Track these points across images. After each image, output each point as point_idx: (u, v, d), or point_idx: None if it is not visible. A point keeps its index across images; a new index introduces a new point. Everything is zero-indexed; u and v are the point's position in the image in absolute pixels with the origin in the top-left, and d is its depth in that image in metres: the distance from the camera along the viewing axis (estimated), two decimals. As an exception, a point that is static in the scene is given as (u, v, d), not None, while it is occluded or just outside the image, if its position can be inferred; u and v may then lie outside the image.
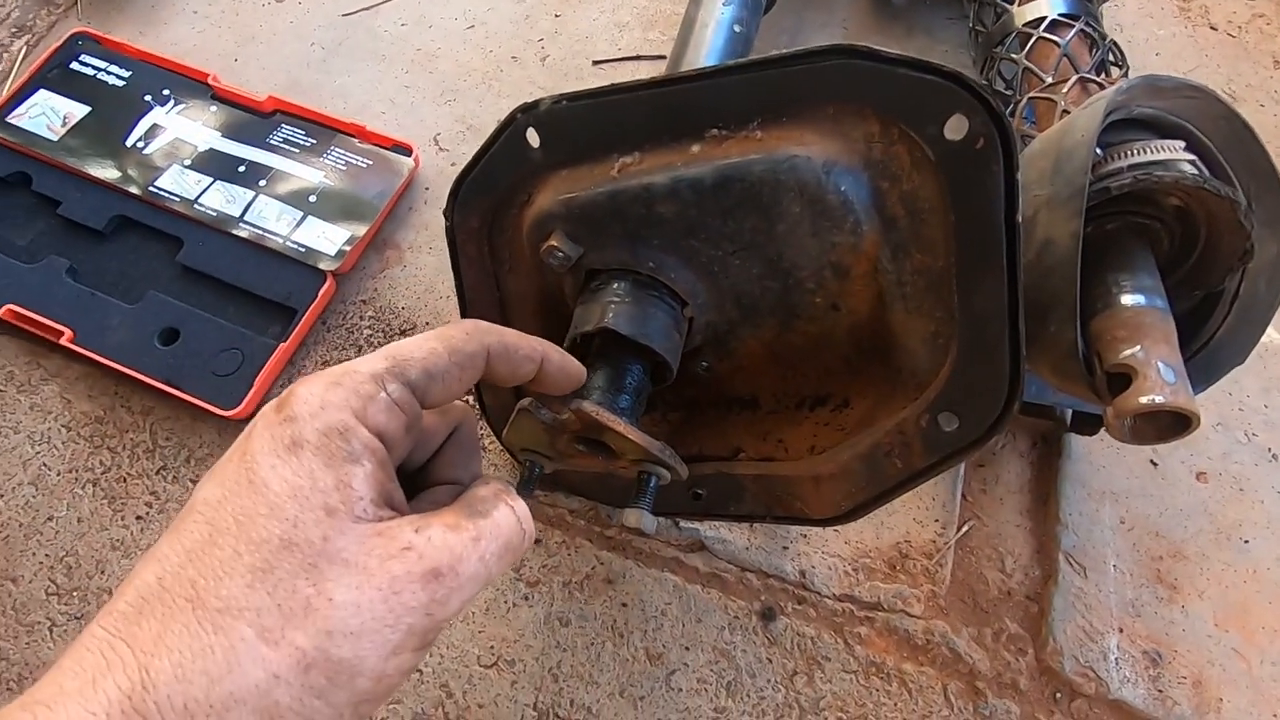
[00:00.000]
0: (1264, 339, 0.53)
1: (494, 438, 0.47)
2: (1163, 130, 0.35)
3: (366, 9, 0.68)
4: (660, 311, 0.38)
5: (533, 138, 0.38)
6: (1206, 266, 0.35)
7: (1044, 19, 0.46)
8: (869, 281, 0.35)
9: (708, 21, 0.49)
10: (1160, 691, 0.42)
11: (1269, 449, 0.49)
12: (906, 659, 0.44)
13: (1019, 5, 0.48)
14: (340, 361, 0.52)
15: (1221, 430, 0.50)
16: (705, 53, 0.48)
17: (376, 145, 0.58)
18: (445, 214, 0.43)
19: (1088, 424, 0.46)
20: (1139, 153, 0.33)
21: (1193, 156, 0.33)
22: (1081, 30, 0.44)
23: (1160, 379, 0.30)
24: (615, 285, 0.38)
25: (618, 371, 0.38)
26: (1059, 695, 0.43)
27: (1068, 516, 0.47)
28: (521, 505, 0.25)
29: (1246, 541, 0.46)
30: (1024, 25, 0.47)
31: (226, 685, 0.19)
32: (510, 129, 0.39)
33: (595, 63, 0.65)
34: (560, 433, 0.35)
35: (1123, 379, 0.31)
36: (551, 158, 0.38)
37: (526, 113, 0.38)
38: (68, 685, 0.18)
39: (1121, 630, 0.44)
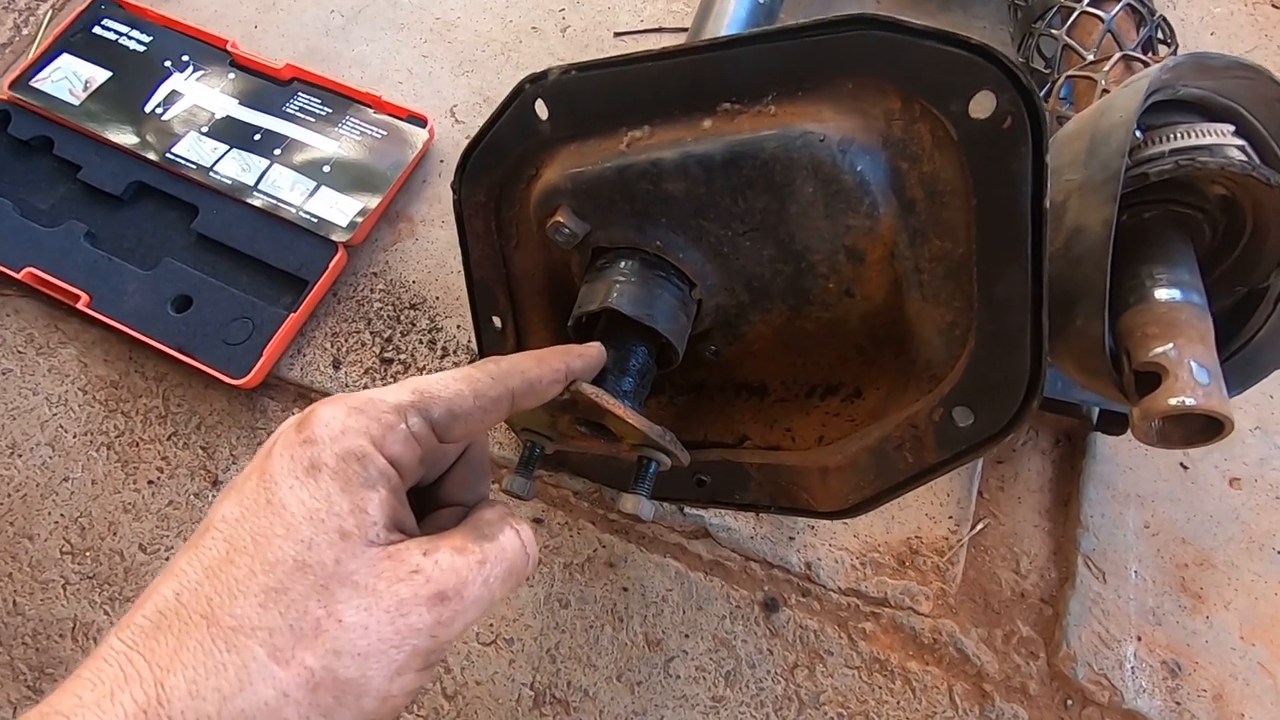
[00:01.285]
0: (1312, 340, 0.50)
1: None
2: (1211, 113, 0.32)
3: (386, -24, 0.66)
4: (667, 292, 0.36)
5: (541, 109, 0.37)
6: (1251, 261, 0.33)
7: (1089, -8, 0.43)
8: (885, 267, 0.33)
9: (729, -8, 0.47)
10: (1178, 704, 0.41)
11: (1310, 456, 0.46)
12: (912, 657, 0.43)
13: (1064, -23, 0.46)
14: (349, 334, 0.52)
15: (1260, 435, 0.47)
16: (727, 23, 0.46)
17: (392, 116, 0.57)
18: (453, 187, 0.42)
19: (1115, 423, 0.44)
20: (1182, 136, 0.31)
21: (1242, 142, 0.30)
22: (1129, 5, 0.41)
23: (1193, 380, 0.28)
24: (622, 264, 0.37)
25: (622, 352, 0.37)
26: (1070, 702, 0.41)
27: (1089, 519, 0.45)
28: (527, 530, 0.25)
29: (1279, 552, 0.44)
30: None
31: (238, 703, 0.19)
32: (518, 100, 0.37)
33: (617, 34, 0.63)
34: (561, 414, 0.34)
35: (1152, 378, 0.29)
36: (560, 130, 0.37)
37: (535, 83, 0.37)
38: (86, 696, 0.19)
39: (1140, 638, 0.42)
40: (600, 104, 0.35)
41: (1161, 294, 0.31)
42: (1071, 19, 0.42)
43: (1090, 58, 0.41)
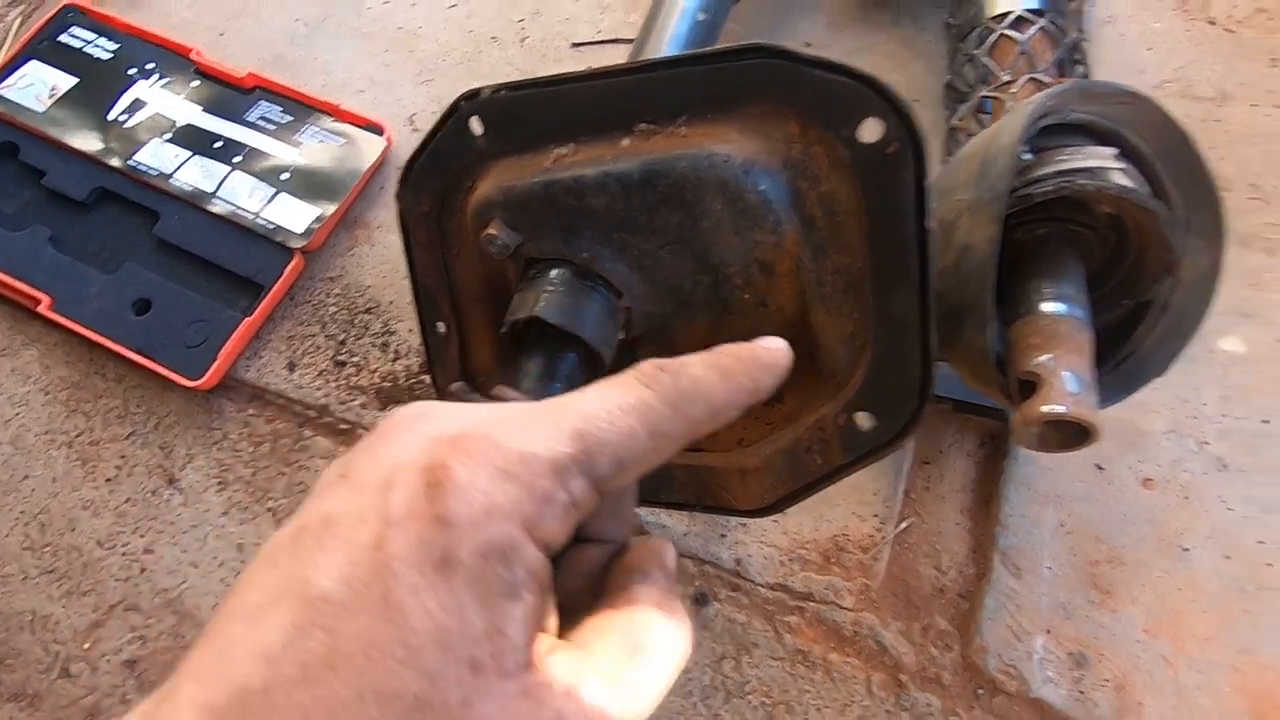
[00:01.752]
0: (1227, 348, 0.53)
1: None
2: (1100, 137, 0.34)
3: (351, -15, 0.68)
4: (594, 302, 0.38)
5: (476, 125, 0.39)
6: (1135, 275, 0.35)
7: (1009, 14, 0.45)
8: (793, 280, 0.35)
9: (671, 10, 0.49)
10: (1081, 693, 0.43)
11: (1220, 459, 0.49)
12: (833, 649, 0.45)
13: (989, -2, 0.48)
14: (305, 337, 0.54)
15: (1174, 438, 0.49)
16: (667, 40, 0.48)
17: (351, 124, 0.59)
18: (397, 197, 0.43)
19: (1033, 426, 0.46)
20: (1067, 159, 0.33)
21: (1123, 165, 0.32)
22: (1044, 27, 0.43)
23: (1065, 389, 0.30)
24: (551, 274, 0.38)
25: (551, 360, 0.39)
26: (981, 691, 0.44)
27: (1007, 517, 0.47)
28: (687, 625, 0.20)
29: (1187, 550, 0.46)
30: (990, 19, 0.46)
31: None
32: (454, 116, 0.39)
33: (574, 45, 0.65)
34: None
35: (1031, 386, 0.31)
36: (494, 146, 0.39)
37: (469, 100, 0.38)
38: None
39: (1049, 631, 0.44)
40: (530, 121, 0.37)
41: (1047, 307, 0.33)
42: (990, 39, 0.44)
43: (1005, 78, 0.43)
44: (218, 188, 0.56)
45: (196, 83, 0.60)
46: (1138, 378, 0.36)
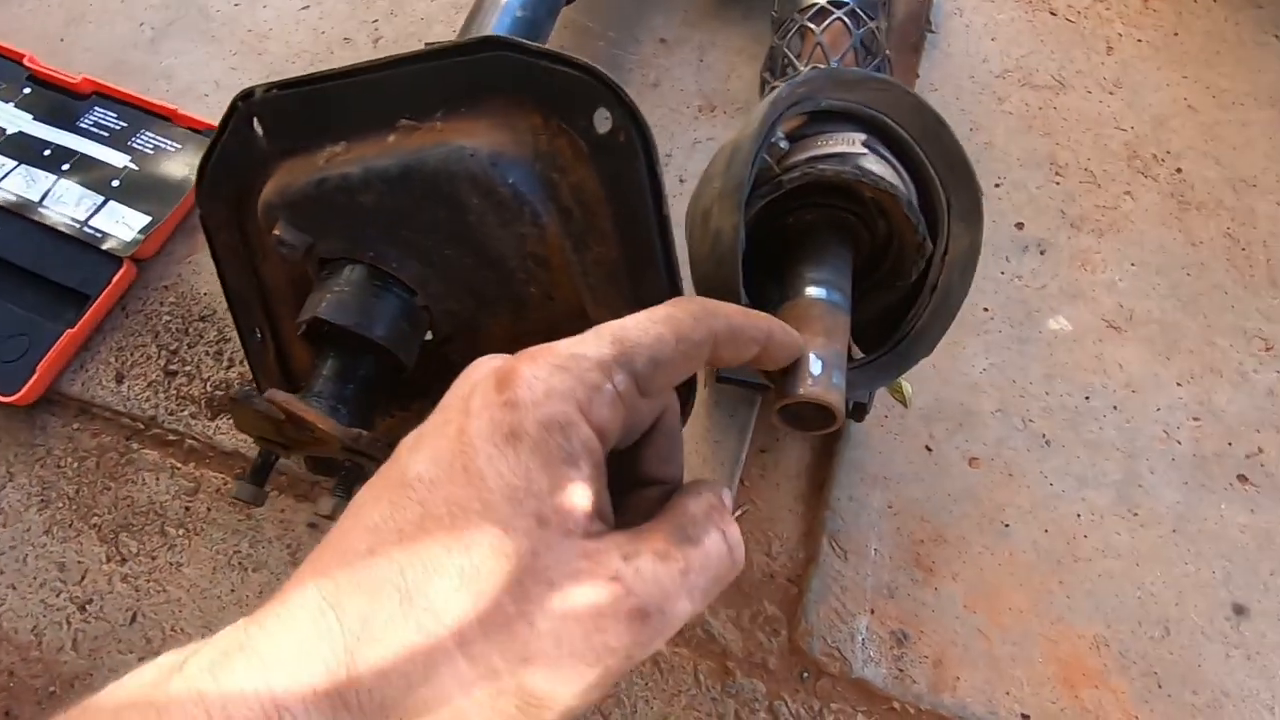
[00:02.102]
0: (1054, 327, 0.54)
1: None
2: (861, 123, 0.35)
3: (200, -12, 0.66)
4: (386, 301, 0.38)
5: (258, 125, 0.38)
6: (901, 258, 0.36)
7: (814, 5, 0.46)
8: (566, 272, 0.35)
9: (489, 6, 0.49)
10: (901, 671, 0.44)
11: (1043, 435, 0.50)
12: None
13: (802, -10, 0.48)
14: (135, 347, 0.52)
15: (1000, 416, 0.51)
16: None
17: (191, 129, 0.58)
18: (196, 202, 0.43)
19: (858, 410, 0.47)
20: (819, 145, 0.33)
21: (865, 151, 0.33)
22: (841, 19, 0.44)
23: (807, 372, 0.30)
24: (342, 274, 0.38)
25: (348, 360, 0.38)
26: (805, 675, 0.44)
27: (837, 501, 0.48)
28: (734, 530, 0.22)
29: (1007, 525, 0.47)
30: (797, 11, 0.47)
31: (422, 693, 0.18)
32: (235, 116, 0.38)
33: (428, 45, 0.64)
34: (285, 422, 0.36)
35: (784, 371, 0.32)
36: (276, 145, 0.38)
37: (245, 101, 0.38)
38: (283, 641, 0.18)
39: (873, 612, 0.45)
40: (306, 120, 0.37)
41: (808, 291, 0.33)
42: (792, 32, 0.45)
43: (804, 69, 0.43)
44: (44, 197, 0.54)
45: (29, 89, 0.59)
46: (908, 358, 0.36)
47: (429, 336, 0.41)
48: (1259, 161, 0.60)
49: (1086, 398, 0.51)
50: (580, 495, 0.20)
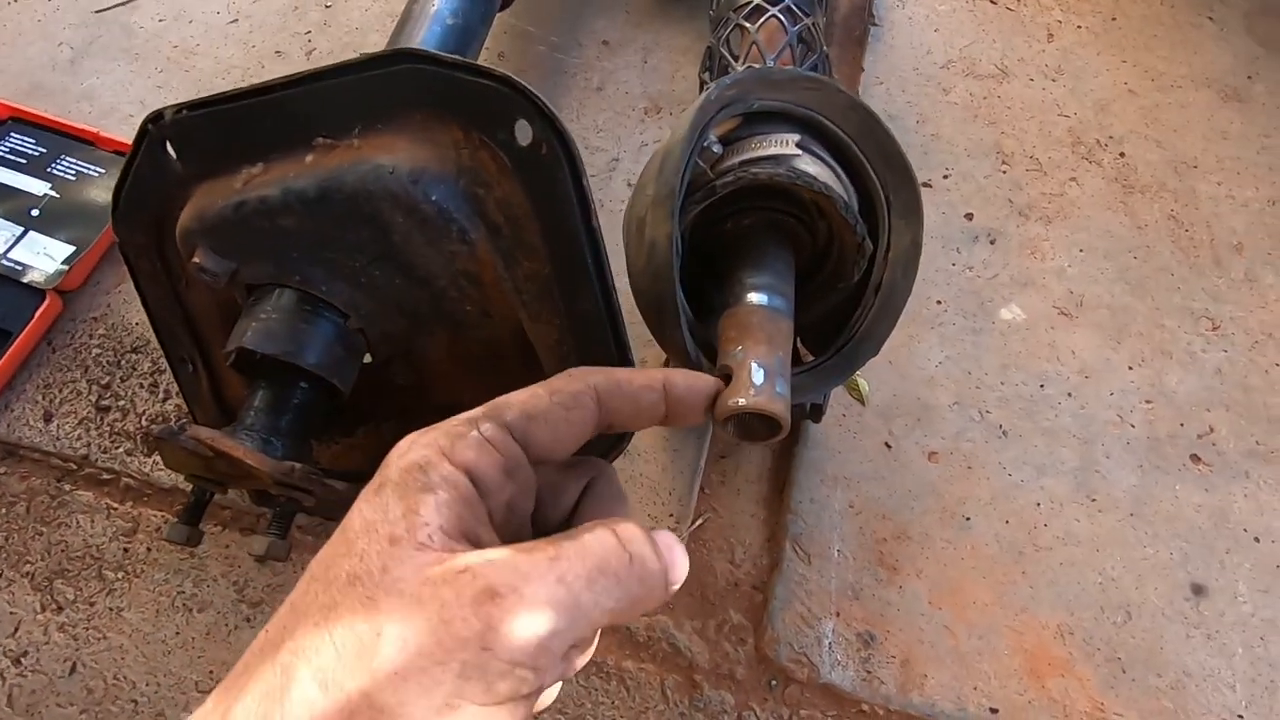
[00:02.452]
0: (1007, 317, 0.54)
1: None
2: (796, 123, 0.34)
3: (122, 4, 0.64)
4: (318, 326, 0.36)
5: (171, 149, 0.36)
6: (841, 259, 0.35)
7: (749, 3, 0.45)
8: (499, 288, 0.34)
9: (418, 14, 0.47)
10: (869, 672, 0.43)
11: (1000, 426, 0.50)
12: (628, 656, 0.44)
13: (738, -12, 0.47)
14: (63, 384, 0.50)
15: (957, 409, 0.50)
16: (414, 45, 0.46)
17: (115, 152, 0.55)
18: (113, 230, 0.41)
19: (815, 411, 0.47)
20: (753, 148, 0.32)
21: (799, 152, 0.32)
22: (776, 15, 0.43)
23: (750, 381, 0.29)
24: (269, 300, 0.36)
25: (281, 389, 0.37)
26: (774, 683, 0.43)
27: (798, 504, 0.47)
28: (630, 530, 0.21)
29: (968, 519, 0.47)
30: (732, 10, 0.46)
31: None
32: (146, 140, 0.37)
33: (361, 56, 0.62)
34: (216, 459, 0.34)
35: (728, 380, 0.31)
36: (191, 169, 0.36)
37: (155, 124, 0.36)
38: None
39: (839, 614, 0.45)
40: (219, 141, 0.35)
41: (749, 298, 0.33)
42: (728, 30, 0.44)
43: (740, 68, 0.43)
44: (-43, 230, 0.51)
45: (-62, 117, 0.56)
46: (856, 359, 0.36)
47: (368, 359, 0.40)
48: (1198, 143, 0.61)
49: (1041, 386, 0.51)
50: (432, 512, 0.20)
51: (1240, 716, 0.42)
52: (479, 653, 0.18)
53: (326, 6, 0.65)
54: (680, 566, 0.22)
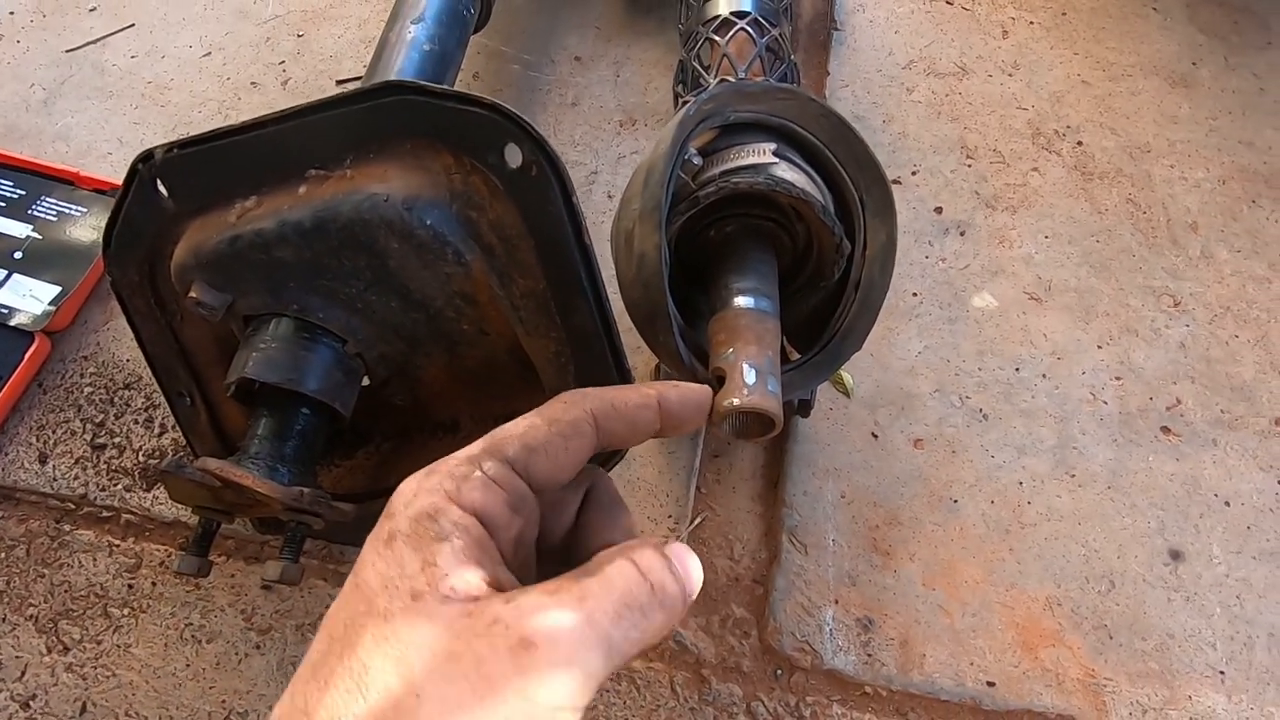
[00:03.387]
0: (979, 304, 0.56)
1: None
2: (772, 133, 0.36)
3: (92, 43, 0.64)
4: (317, 352, 0.37)
5: (162, 187, 0.37)
6: (821, 260, 0.37)
7: (717, 17, 0.47)
8: (496, 307, 0.35)
9: (395, 42, 0.48)
10: (870, 656, 0.45)
11: (980, 410, 0.52)
12: (636, 657, 0.45)
13: (705, 2, 0.49)
14: (57, 424, 0.50)
15: (938, 396, 0.52)
16: (394, 73, 0.47)
17: (95, 190, 0.55)
18: (106, 270, 0.41)
19: (804, 406, 0.48)
20: (732, 158, 0.34)
21: (776, 160, 0.34)
22: (744, 28, 0.45)
23: (742, 381, 0.31)
24: (267, 330, 0.37)
25: (284, 417, 0.37)
26: (779, 672, 0.45)
27: (792, 497, 0.49)
28: (650, 558, 0.21)
29: (956, 501, 0.49)
30: (701, 24, 0.47)
31: None
32: (136, 180, 0.37)
33: (339, 82, 0.63)
34: (223, 489, 0.35)
35: (722, 381, 0.32)
36: (183, 206, 0.37)
37: (145, 163, 0.37)
38: None
39: (837, 601, 0.46)
40: (211, 177, 0.36)
41: (735, 301, 0.34)
42: (698, 45, 0.46)
43: (711, 82, 0.44)
44: (-60, 277, 0.51)
45: (-88, 165, 0.55)
46: (840, 355, 0.37)
47: (366, 382, 0.41)
48: (1150, 128, 0.63)
49: (1017, 369, 0.53)
50: (450, 561, 0.20)
51: (1222, 673, 0.44)
52: (521, 703, 0.18)
53: (299, 35, 0.65)
54: (695, 578, 0.22)
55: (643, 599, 0.20)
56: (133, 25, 0.65)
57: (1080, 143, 0.63)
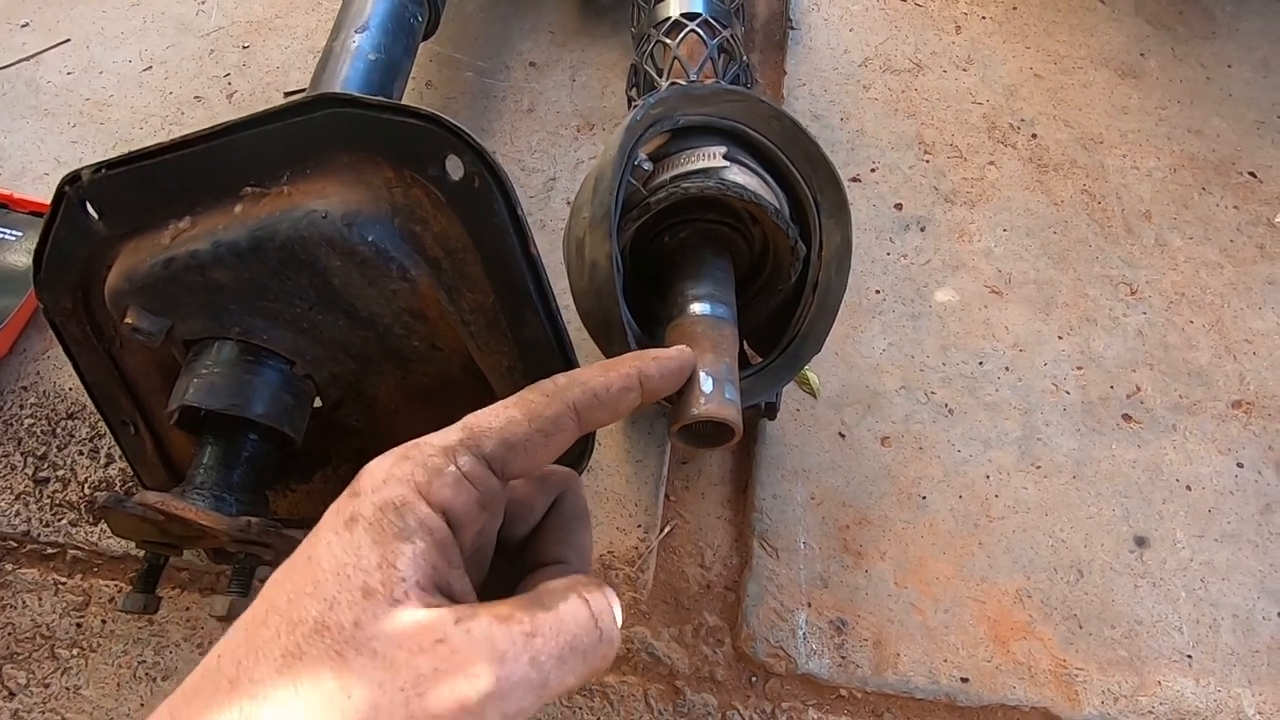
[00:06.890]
0: (942, 299, 0.56)
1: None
2: (723, 135, 0.35)
3: (26, 59, 0.62)
4: (263, 376, 0.36)
5: (92, 209, 0.35)
6: (777, 263, 0.36)
7: (668, 19, 0.46)
8: (446, 322, 0.34)
9: (339, 52, 0.47)
10: (844, 657, 0.44)
11: (946, 405, 0.52)
12: (609, 671, 0.44)
13: (656, 4, 0.49)
14: (-3, 459, 0.48)
15: (904, 393, 0.52)
16: (339, 84, 0.46)
17: (32, 213, 0.53)
18: (36, 296, 0.39)
19: (770, 409, 0.48)
20: (682, 163, 0.33)
21: (727, 164, 0.33)
22: (695, 30, 0.45)
23: (699, 390, 0.30)
24: (210, 353, 0.36)
25: (230, 444, 0.36)
26: (754, 679, 0.44)
27: (761, 501, 0.48)
28: (600, 600, 0.21)
29: (924, 498, 0.49)
30: (652, 26, 0.47)
31: None
32: (64, 203, 0.36)
33: (287, 94, 0.62)
34: (168, 521, 0.33)
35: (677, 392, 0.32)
36: (114, 228, 0.36)
37: (72, 185, 0.35)
38: None
39: (810, 604, 0.46)
40: (142, 198, 0.34)
41: (691, 308, 0.33)
42: (649, 47, 0.45)
43: (664, 84, 0.44)
44: None
45: None
46: (800, 357, 0.37)
47: (318, 404, 0.39)
48: (1102, 119, 0.64)
49: (980, 363, 0.53)
50: (409, 565, 0.20)
51: (1189, 656, 0.45)
52: None
53: (244, 47, 0.64)
54: (618, 627, 0.22)
55: (588, 644, 0.20)
56: (68, 40, 0.63)
57: (1035, 135, 0.63)
